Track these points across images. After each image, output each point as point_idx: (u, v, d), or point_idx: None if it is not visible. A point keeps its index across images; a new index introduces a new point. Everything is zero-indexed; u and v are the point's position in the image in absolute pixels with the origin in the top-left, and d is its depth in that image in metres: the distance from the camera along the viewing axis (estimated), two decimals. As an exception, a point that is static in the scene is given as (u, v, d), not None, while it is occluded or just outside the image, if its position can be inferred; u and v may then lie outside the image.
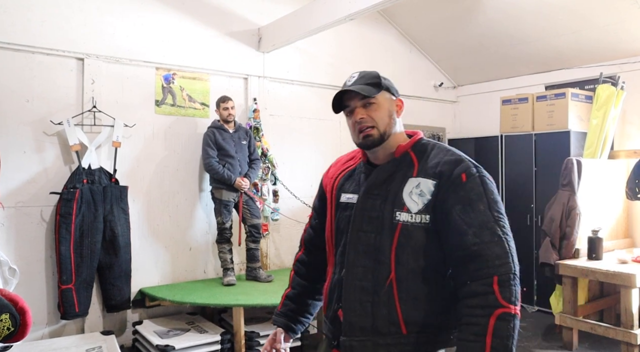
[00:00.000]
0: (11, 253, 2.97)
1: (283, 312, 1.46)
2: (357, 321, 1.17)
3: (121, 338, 3.33)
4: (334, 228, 1.30)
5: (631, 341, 3.01)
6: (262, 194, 3.90)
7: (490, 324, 1.03)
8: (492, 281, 1.05)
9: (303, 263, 1.49)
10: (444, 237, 1.14)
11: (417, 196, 1.15)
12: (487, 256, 1.07)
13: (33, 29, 3.08)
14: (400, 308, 1.14)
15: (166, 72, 3.63)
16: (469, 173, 1.13)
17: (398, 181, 1.19)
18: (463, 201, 1.11)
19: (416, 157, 1.21)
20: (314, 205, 1.47)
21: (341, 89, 1.23)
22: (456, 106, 5.45)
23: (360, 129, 1.21)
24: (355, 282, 1.18)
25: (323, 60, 4.39)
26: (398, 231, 1.15)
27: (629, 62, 3.99)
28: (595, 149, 3.75)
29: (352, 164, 1.35)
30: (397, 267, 1.15)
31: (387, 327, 1.14)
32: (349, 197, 1.26)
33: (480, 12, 4.21)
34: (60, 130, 3.17)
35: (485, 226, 1.09)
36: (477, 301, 1.06)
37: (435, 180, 1.15)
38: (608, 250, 3.57)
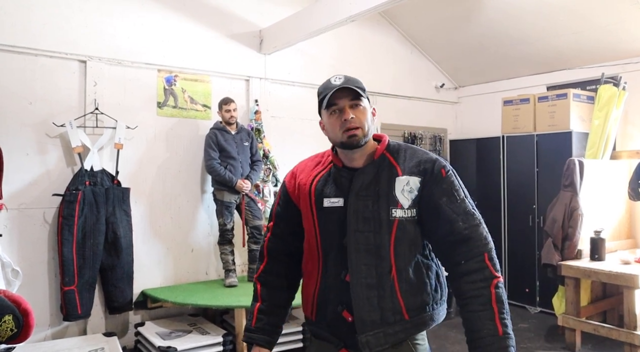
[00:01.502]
0: (14, 255, 2.98)
1: (259, 327, 1.40)
2: (367, 316, 1.25)
3: (123, 340, 3.33)
4: (320, 232, 1.32)
5: (634, 342, 3.00)
6: (264, 196, 3.90)
7: (492, 293, 1.20)
8: (484, 257, 1.23)
9: (270, 273, 1.44)
10: (433, 226, 1.28)
11: (408, 192, 1.27)
12: (476, 237, 1.24)
13: (35, 31, 3.09)
14: (402, 297, 1.26)
15: (168, 74, 3.64)
16: (446, 169, 1.29)
17: (384, 181, 1.28)
18: (447, 193, 1.26)
19: (393, 158, 1.31)
20: (276, 212, 1.45)
21: (340, 85, 1.26)
22: (457, 107, 5.45)
23: (347, 127, 1.26)
24: (361, 280, 1.25)
25: (324, 61, 4.40)
26: (395, 227, 1.26)
27: (631, 62, 3.98)
28: (597, 150, 3.75)
29: (322, 168, 1.39)
30: (397, 260, 1.26)
31: (393, 317, 1.25)
32: (333, 201, 1.30)
33: (481, 13, 4.21)
34: (62, 132, 3.18)
35: (468, 212, 1.26)
36: (477, 276, 1.22)
37: (420, 177, 1.27)
38: (610, 251, 3.56)
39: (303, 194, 1.37)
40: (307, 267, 1.39)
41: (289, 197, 1.42)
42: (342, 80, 1.28)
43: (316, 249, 1.33)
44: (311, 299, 1.36)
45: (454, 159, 5.07)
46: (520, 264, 4.38)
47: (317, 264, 1.34)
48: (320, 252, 1.33)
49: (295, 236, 1.42)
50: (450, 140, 5.24)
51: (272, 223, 1.46)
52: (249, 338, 1.41)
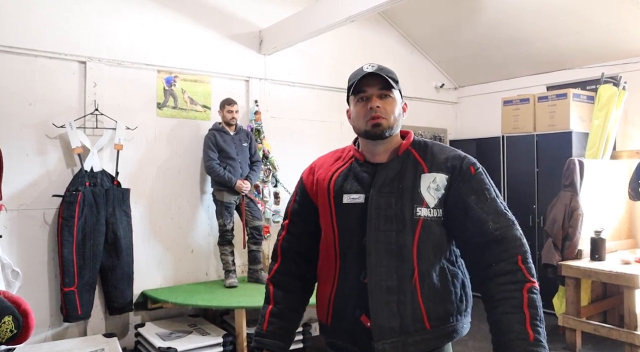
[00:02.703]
0: (14, 256, 2.98)
1: (271, 331, 1.30)
2: (386, 323, 1.16)
3: (123, 340, 3.33)
4: (338, 230, 1.24)
5: (635, 342, 2.99)
6: (264, 196, 3.90)
7: (524, 296, 1.11)
8: (517, 259, 1.14)
9: (284, 274, 1.36)
10: (460, 227, 1.19)
11: (434, 190, 1.19)
12: (509, 238, 1.16)
13: (35, 32, 3.09)
14: (424, 304, 1.17)
15: (168, 74, 3.64)
16: (475, 166, 1.22)
17: (409, 177, 1.20)
18: (476, 191, 1.19)
19: (419, 155, 1.24)
20: (292, 210, 1.37)
21: (369, 71, 1.20)
22: (457, 107, 5.45)
23: (373, 116, 1.20)
24: (381, 283, 1.17)
25: (324, 62, 4.40)
26: (419, 227, 1.18)
27: (631, 62, 3.98)
28: (597, 150, 3.75)
29: (342, 163, 1.31)
30: (420, 263, 1.18)
31: (413, 325, 1.17)
32: (354, 197, 1.22)
33: (481, 13, 4.21)
34: (62, 133, 3.18)
35: (500, 212, 1.18)
36: (508, 278, 1.13)
37: (448, 174, 1.20)
38: (611, 251, 3.56)
39: (321, 189, 1.29)
40: (323, 269, 1.31)
41: (306, 194, 1.34)
42: (375, 68, 1.22)
43: (333, 248, 1.25)
44: (327, 302, 1.27)
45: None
46: (520, 264, 4.37)
47: (334, 265, 1.26)
48: (337, 252, 1.25)
49: (312, 236, 1.34)
50: (450, 141, 5.24)
51: (288, 221, 1.38)
52: (259, 343, 1.30)
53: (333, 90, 4.44)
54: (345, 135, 4.51)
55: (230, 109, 3.53)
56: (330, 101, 4.45)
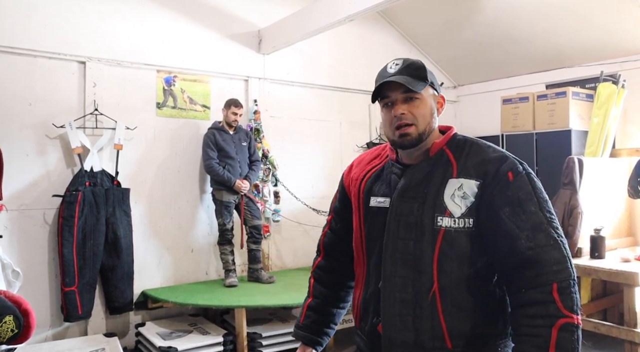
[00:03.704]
0: (14, 256, 2.98)
1: (306, 324, 1.30)
2: (397, 336, 1.08)
3: (124, 340, 3.33)
4: (365, 235, 1.18)
5: (634, 339, 3.00)
6: (263, 196, 3.90)
7: (552, 335, 0.95)
8: (552, 288, 0.98)
9: (324, 269, 1.33)
10: (491, 242, 1.05)
11: (460, 198, 1.05)
12: (545, 261, 0.99)
13: (35, 33, 3.09)
14: (445, 321, 1.05)
15: (167, 74, 3.65)
16: (515, 171, 1.05)
17: (436, 182, 1.08)
18: (512, 202, 1.03)
19: (453, 155, 1.11)
20: (334, 207, 1.33)
21: (384, 80, 1.09)
22: (457, 106, 5.45)
23: (398, 125, 1.08)
24: (395, 295, 1.09)
25: (323, 61, 4.40)
26: (440, 238, 1.06)
27: (630, 60, 3.98)
28: (597, 148, 3.75)
29: (378, 163, 1.22)
30: (440, 276, 1.06)
31: (431, 342, 1.06)
32: (380, 201, 1.14)
33: (480, 12, 4.21)
34: (62, 133, 3.18)
35: (539, 228, 1.01)
36: (537, 310, 0.98)
37: (479, 180, 1.05)
38: (610, 249, 3.56)
39: (354, 189, 1.23)
40: (357, 270, 1.25)
41: (345, 193, 1.29)
42: (399, 67, 1.09)
43: (361, 253, 1.20)
44: (356, 305, 1.23)
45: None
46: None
47: (362, 268, 1.21)
48: (364, 257, 1.19)
49: (351, 234, 1.28)
50: (449, 139, 5.24)
51: (330, 217, 1.35)
52: (295, 334, 1.33)
53: (332, 90, 4.44)
54: (345, 134, 4.51)
55: (236, 111, 3.52)
56: (329, 100, 4.45)
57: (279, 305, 3.10)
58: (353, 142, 4.53)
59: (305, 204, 4.11)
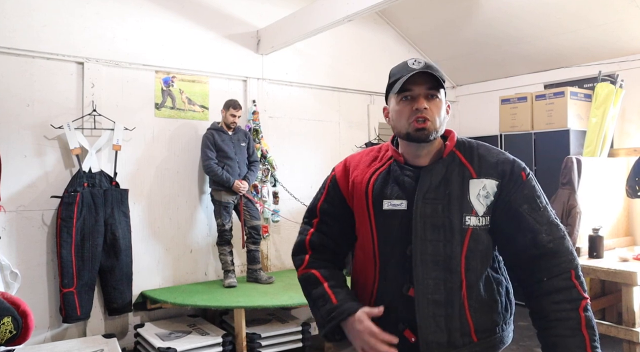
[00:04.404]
0: (13, 257, 2.98)
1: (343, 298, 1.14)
2: (432, 338, 1.10)
3: (123, 341, 3.33)
4: (378, 240, 1.16)
5: (633, 339, 3.00)
6: (262, 196, 3.90)
7: (581, 316, 1.06)
8: (571, 275, 1.08)
9: (320, 259, 1.24)
10: (510, 237, 1.12)
11: (484, 197, 1.12)
12: (562, 251, 1.09)
13: (33, 33, 3.09)
14: (471, 317, 1.12)
15: (165, 75, 3.64)
16: (526, 172, 1.14)
17: (457, 183, 1.12)
18: (528, 199, 1.11)
19: (464, 157, 1.15)
20: (323, 209, 1.26)
21: (414, 72, 1.09)
22: (455, 106, 5.45)
23: (418, 118, 1.10)
24: (428, 297, 1.10)
25: (322, 61, 4.40)
26: (468, 236, 1.11)
27: (628, 60, 3.99)
28: (595, 148, 3.76)
29: (380, 165, 1.21)
30: (467, 274, 1.11)
31: (461, 339, 1.11)
32: (395, 204, 1.14)
33: (478, 12, 4.22)
34: (60, 134, 3.18)
35: (552, 222, 1.11)
36: (563, 296, 1.07)
37: (498, 180, 1.12)
38: (609, 248, 3.57)
39: (358, 193, 1.20)
40: (360, 277, 1.23)
41: (340, 194, 1.24)
42: (422, 65, 1.12)
43: (372, 257, 1.17)
44: None
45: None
46: (519, 262, 4.38)
47: (372, 273, 1.18)
48: (377, 262, 1.16)
49: (345, 237, 1.25)
50: (448, 139, 5.24)
51: (317, 220, 1.26)
52: (339, 314, 1.12)
53: (331, 90, 4.44)
54: (343, 134, 4.51)
55: (235, 113, 3.52)
56: (328, 101, 4.45)
57: (278, 305, 3.10)
58: (352, 142, 4.53)
59: (304, 204, 4.11)
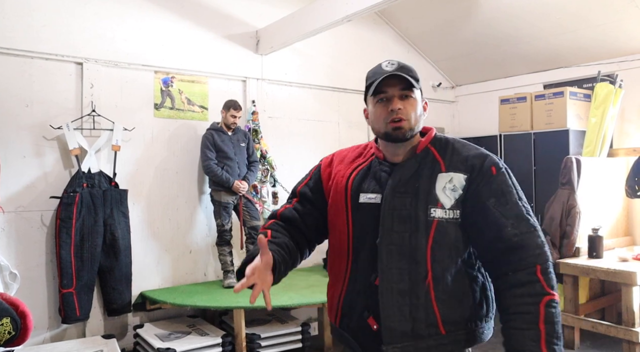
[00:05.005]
0: (12, 258, 2.97)
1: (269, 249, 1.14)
2: (397, 326, 1.13)
3: (122, 342, 3.33)
4: (352, 231, 1.21)
5: (632, 339, 3.00)
6: (262, 196, 3.90)
7: (541, 311, 1.05)
8: (536, 269, 1.08)
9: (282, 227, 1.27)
10: (478, 231, 1.14)
11: (450, 191, 1.14)
12: (528, 246, 1.09)
13: (32, 34, 3.08)
14: (438, 309, 1.13)
15: (165, 75, 3.64)
16: (497, 166, 1.15)
17: (426, 177, 1.16)
18: (496, 193, 1.13)
19: (438, 153, 1.19)
20: (302, 192, 1.32)
21: (386, 74, 1.14)
22: (455, 106, 5.45)
23: (394, 118, 1.15)
24: (392, 285, 1.13)
25: (321, 61, 4.40)
26: (434, 229, 1.13)
27: (627, 60, 3.99)
28: (595, 148, 3.76)
29: (362, 161, 1.27)
30: (434, 266, 1.13)
31: (426, 330, 1.13)
32: (371, 197, 1.19)
33: (477, 12, 4.22)
34: (59, 135, 3.17)
35: (521, 217, 1.11)
36: (525, 290, 1.07)
37: (467, 173, 1.14)
38: (608, 248, 3.57)
39: (338, 186, 1.25)
40: (334, 268, 1.28)
41: (321, 185, 1.31)
42: (395, 66, 1.16)
43: (347, 248, 1.22)
44: (336, 303, 1.25)
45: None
46: (518, 263, 4.38)
47: (345, 265, 1.23)
48: (350, 252, 1.21)
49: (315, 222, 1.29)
50: (447, 140, 5.24)
51: (296, 200, 1.32)
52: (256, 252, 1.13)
53: (330, 90, 4.44)
54: (343, 134, 4.51)
55: (235, 114, 3.53)
56: (327, 101, 4.45)
57: (277, 306, 3.10)
58: (351, 142, 4.48)
59: (304, 205, 4.10)
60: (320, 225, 1.31)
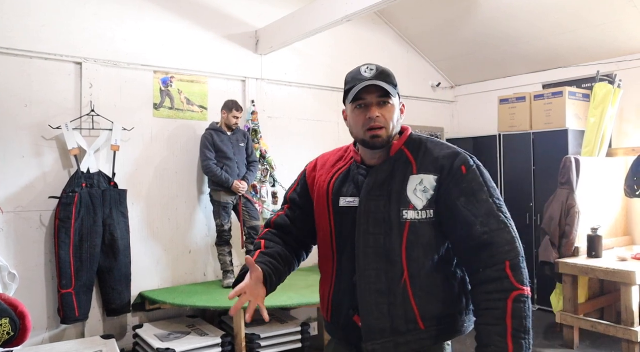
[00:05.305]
0: (11, 258, 2.97)
1: (259, 261, 1.24)
2: (375, 324, 1.17)
3: (122, 342, 3.32)
4: (335, 233, 1.25)
5: (632, 338, 3.01)
6: (261, 197, 3.90)
7: (508, 307, 1.08)
8: (505, 266, 1.10)
9: (276, 235, 1.35)
10: (450, 229, 1.17)
11: (421, 192, 1.16)
12: (498, 243, 1.11)
13: (31, 34, 3.08)
14: (416, 305, 1.16)
15: (164, 75, 3.64)
16: (467, 165, 1.17)
17: (399, 179, 1.19)
18: (466, 192, 1.14)
19: (411, 154, 1.22)
20: (292, 198, 1.38)
21: (366, 83, 1.16)
22: (454, 106, 5.46)
23: (371, 126, 1.17)
24: (370, 286, 1.17)
25: (321, 61, 4.40)
26: (407, 230, 1.16)
27: (626, 60, 4.00)
28: (594, 147, 3.76)
29: (343, 165, 1.31)
30: (409, 265, 1.16)
31: (405, 326, 1.16)
32: (349, 201, 1.22)
33: (477, 12, 4.22)
34: (58, 135, 3.17)
35: (491, 214, 1.13)
36: (494, 287, 1.10)
37: (437, 174, 1.17)
38: (607, 248, 3.57)
39: (320, 191, 1.29)
40: (323, 266, 1.33)
41: (306, 189, 1.36)
42: (374, 72, 1.18)
43: (331, 249, 1.27)
44: (327, 299, 1.30)
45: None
46: (518, 262, 4.38)
47: (332, 264, 1.28)
48: (335, 254, 1.26)
49: (307, 226, 1.34)
50: (447, 140, 5.25)
51: (288, 207, 1.39)
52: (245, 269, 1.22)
53: (330, 90, 4.44)
54: (342, 134, 4.51)
55: (237, 114, 3.53)
56: (327, 101, 4.45)
57: (277, 306, 3.09)
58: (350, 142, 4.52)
59: (303, 205, 4.10)
60: (312, 228, 1.35)
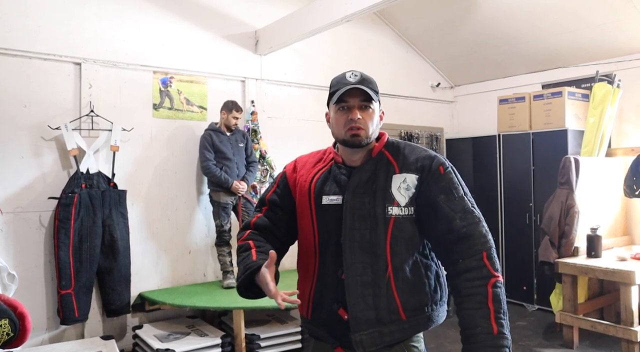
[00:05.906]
0: (10, 259, 2.97)
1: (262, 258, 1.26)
2: (362, 315, 1.24)
3: (121, 343, 3.32)
4: (318, 230, 1.31)
5: (631, 338, 3.01)
6: (261, 197, 3.90)
7: (489, 292, 1.18)
8: (482, 256, 1.21)
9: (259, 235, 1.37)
10: (430, 224, 1.27)
11: (405, 190, 1.26)
12: (474, 235, 1.23)
13: (30, 34, 3.08)
14: (399, 297, 1.24)
15: (164, 75, 3.63)
16: (444, 166, 1.28)
17: (382, 178, 1.27)
18: (445, 190, 1.25)
19: (392, 156, 1.31)
20: (271, 199, 1.41)
21: (351, 86, 1.25)
22: (453, 106, 5.46)
23: (352, 127, 1.26)
24: (357, 278, 1.25)
25: (320, 61, 4.40)
26: (391, 225, 1.25)
27: (625, 60, 4.01)
28: (593, 147, 3.77)
29: (323, 166, 1.38)
30: (393, 258, 1.25)
31: (388, 316, 1.24)
32: (332, 199, 1.30)
33: (476, 12, 4.22)
34: (58, 135, 3.16)
35: (467, 210, 1.25)
36: (474, 275, 1.20)
37: (418, 174, 1.27)
38: (607, 248, 3.58)
39: (302, 190, 1.36)
40: (303, 264, 1.38)
41: (288, 189, 1.41)
42: (358, 78, 1.28)
43: (313, 247, 1.33)
44: (307, 297, 1.34)
45: (451, 158, 5.05)
46: (517, 262, 4.39)
47: (313, 261, 1.33)
48: (317, 251, 1.32)
49: (287, 226, 1.38)
50: (446, 139, 5.25)
51: (266, 208, 1.41)
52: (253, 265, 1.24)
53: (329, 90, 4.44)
54: (342, 135, 4.50)
55: (237, 115, 3.53)
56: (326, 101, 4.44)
57: (277, 306, 3.09)
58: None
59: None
60: (291, 228, 1.41)
